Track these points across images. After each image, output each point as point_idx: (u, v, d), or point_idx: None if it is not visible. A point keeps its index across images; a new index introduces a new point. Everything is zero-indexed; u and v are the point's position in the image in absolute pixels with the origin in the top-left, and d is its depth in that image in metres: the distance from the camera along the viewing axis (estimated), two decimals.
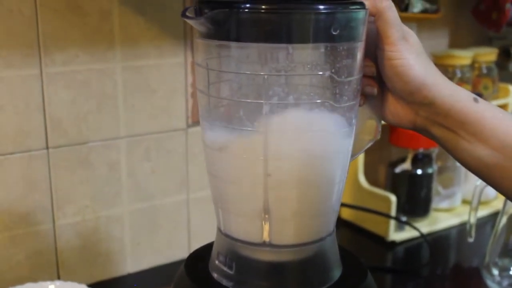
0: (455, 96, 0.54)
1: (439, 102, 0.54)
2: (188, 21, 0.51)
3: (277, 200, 0.54)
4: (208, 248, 0.63)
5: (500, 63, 1.34)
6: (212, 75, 0.54)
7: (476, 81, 1.25)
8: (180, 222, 1.00)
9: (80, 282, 0.85)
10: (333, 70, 0.52)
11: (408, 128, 0.59)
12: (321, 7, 0.50)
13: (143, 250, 0.98)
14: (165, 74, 0.93)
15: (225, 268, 0.58)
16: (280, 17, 0.49)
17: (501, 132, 0.53)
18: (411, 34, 0.56)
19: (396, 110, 0.58)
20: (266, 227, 0.55)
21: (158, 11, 0.90)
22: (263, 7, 0.49)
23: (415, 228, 1.10)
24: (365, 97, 0.59)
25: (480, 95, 1.16)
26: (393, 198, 1.09)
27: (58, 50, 0.83)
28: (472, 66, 1.24)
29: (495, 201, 1.26)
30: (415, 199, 1.17)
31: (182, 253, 1.01)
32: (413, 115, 0.57)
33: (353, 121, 0.57)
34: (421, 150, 1.16)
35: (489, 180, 0.55)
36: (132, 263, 0.97)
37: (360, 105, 0.58)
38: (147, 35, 0.90)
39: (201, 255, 0.63)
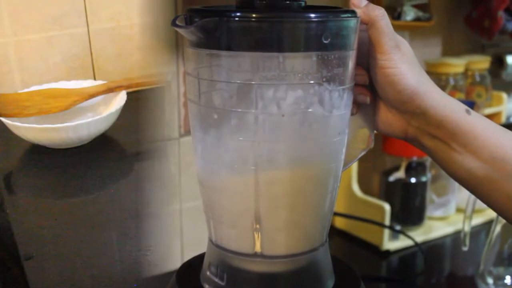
0: (447, 106, 0.54)
1: (432, 112, 0.54)
2: (178, 29, 0.51)
3: (268, 210, 0.54)
4: (200, 258, 0.62)
5: (493, 71, 1.34)
6: (202, 84, 0.54)
7: (470, 89, 1.25)
8: (172, 232, 1.00)
9: None
10: (324, 79, 0.52)
11: (400, 137, 0.58)
12: (312, 15, 0.50)
13: None
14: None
15: (216, 279, 0.57)
16: (271, 26, 0.49)
17: (491, 144, 0.53)
18: (403, 42, 0.56)
19: (388, 119, 0.58)
20: (258, 237, 0.55)
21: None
22: (254, 15, 0.49)
23: (409, 237, 1.10)
24: (358, 106, 0.59)
25: (473, 103, 1.16)
26: (387, 206, 1.08)
27: None
28: (465, 74, 1.24)
29: (489, 209, 1.25)
30: (409, 208, 1.16)
31: (174, 263, 1.00)
32: (405, 125, 0.57)
33: (346, 130, 0.56)
34: (414, 158, 1.15)
35: (478, 192, 0.55)
36: None
37: (352, 114, 0.58)
38: None
39: (193, 266, 0.63)
